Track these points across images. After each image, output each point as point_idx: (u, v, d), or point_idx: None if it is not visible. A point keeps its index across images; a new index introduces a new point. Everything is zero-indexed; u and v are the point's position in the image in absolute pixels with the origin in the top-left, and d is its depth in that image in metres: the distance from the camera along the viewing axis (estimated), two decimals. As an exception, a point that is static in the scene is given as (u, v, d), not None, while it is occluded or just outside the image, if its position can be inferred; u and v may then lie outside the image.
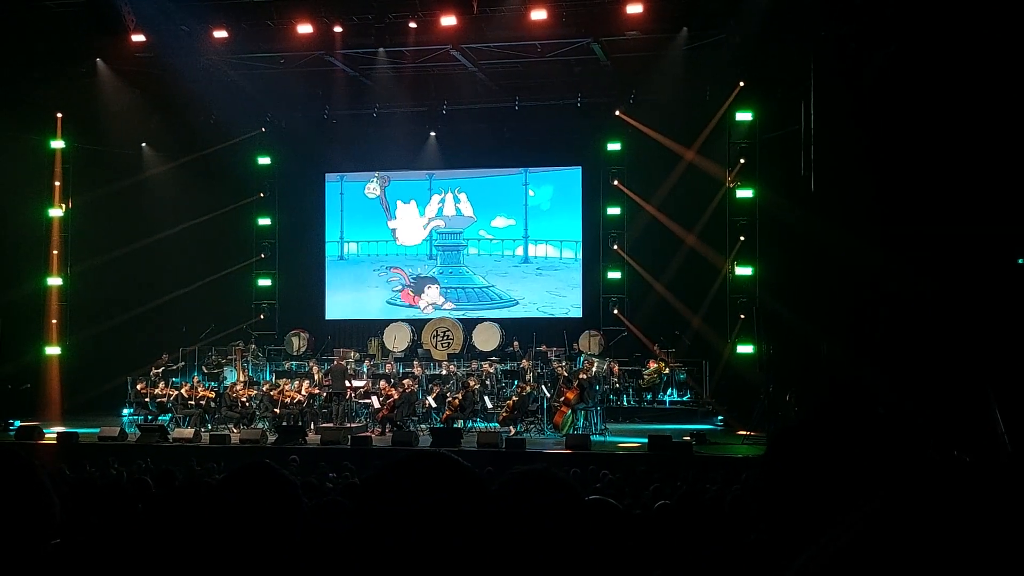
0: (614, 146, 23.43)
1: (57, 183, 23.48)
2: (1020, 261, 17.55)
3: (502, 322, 23.39)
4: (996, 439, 15.17)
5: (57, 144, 23.46)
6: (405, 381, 19.57)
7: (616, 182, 23.47)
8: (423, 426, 18.97)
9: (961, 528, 0.51)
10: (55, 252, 23.38)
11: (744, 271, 21.45)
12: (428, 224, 25.03)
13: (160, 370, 20.88)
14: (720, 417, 20.28)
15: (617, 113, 22.82)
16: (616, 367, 21.04)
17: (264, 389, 20.06)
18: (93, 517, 4.30)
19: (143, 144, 24.33)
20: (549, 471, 1.83)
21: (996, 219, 16.92)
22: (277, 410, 19.31)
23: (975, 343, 15.86)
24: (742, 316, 21.18)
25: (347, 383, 19.58)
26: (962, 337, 15.64)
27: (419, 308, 24.76)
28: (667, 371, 21.17)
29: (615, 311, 23.42)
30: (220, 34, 19.94)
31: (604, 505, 2.37)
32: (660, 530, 5.60)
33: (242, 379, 20.91)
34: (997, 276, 16.78)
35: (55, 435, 17.65)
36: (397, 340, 23.14)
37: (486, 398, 19.48)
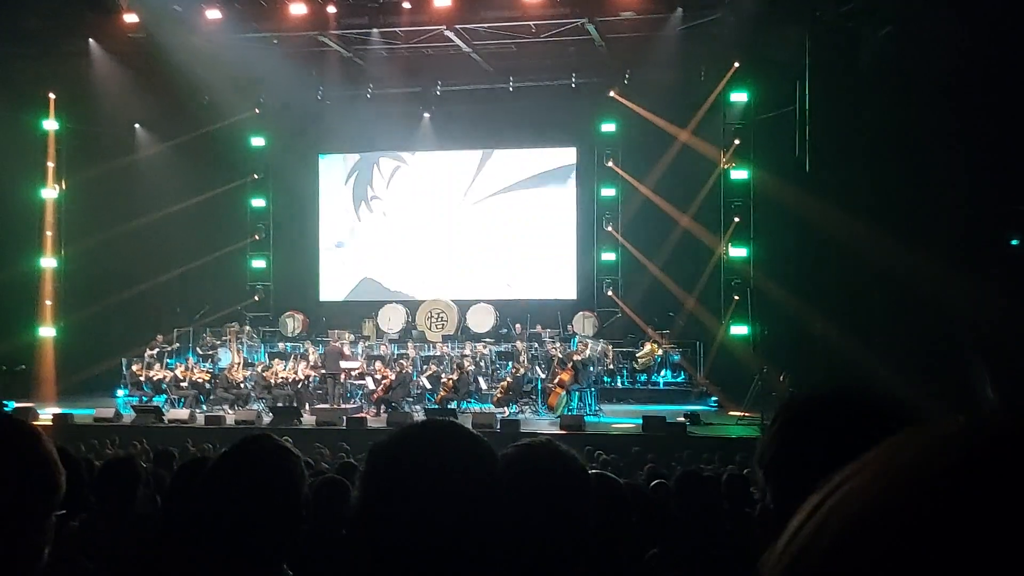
0: (608, 127, 23.38)
1: (50, 164, 23.38)
2: (1014, 242, 17.59)
3: (496, 303, 23.38)
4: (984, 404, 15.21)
5: (50, 124, 23.34)
6: (400, 362, 19.59)
7: (610, 163, 23.44)
8: (418, 407, 19.01)
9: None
10: (49, 233, 23.31)
11: (738, 252, 21.45)
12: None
13: (155, 351, 20.85)
14: (714, 398, 20.34)
15: (612, 94, 22.75)
16: (610, 348, 21.08)
17: (258, 370, 20.06)
18: (92, 496, 4.31)
19: (136, 125, 24.22)
20: (553, 443, 1.84)
21: (990, 199, 16.96)
22: (272, 387, 19.33)
23: (969, 323, 15.91)
24: (736, 297, 21.21)
25: (342, 364, 19.59)
26: (956, 318, 15.68)
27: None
28: (661, 352, 21.21)
29: (609, 292, 23.43)
30: (213, 14, 19.85)
31: (606, 479, 2.39)
32: (656, 509, 5.63)
33: (237, 360, 20.89)
34: (991, 256, 16.82)
35: (50, 416, 17.64)
36: (391, 321, 23.13)
37: (480, 379, 19.51)
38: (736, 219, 21.53)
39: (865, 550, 0.49)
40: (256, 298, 24.76)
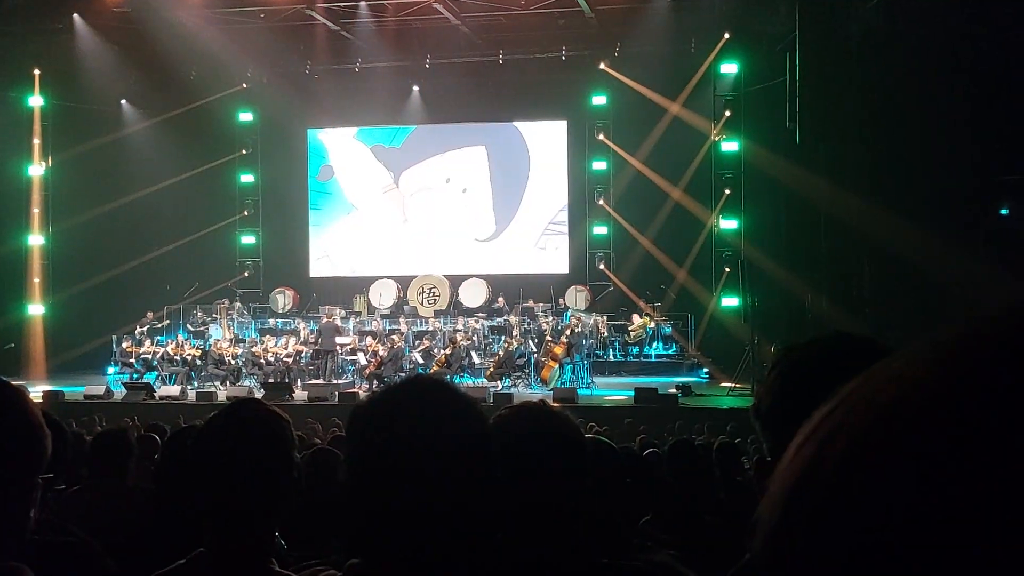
0: (599, 99, 23.28)
1: (36, 140, 23.18)
2: (1003, 212, 17.61)
3: (488, 278, 23.33)
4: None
5: (35, 101, 23.12)
6: (392, 338, 19.57)
7: (601, 136, 23.36)
8: (410, 382, 18.97)
9: None
10: (36, 210, 23.15)
11: (729, 224, 21.44)
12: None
13: (145, 328, 20.79)
14: (705, 369, 20.40)
15: (602, 66, 22.64)
16: (602, 322, 21.09)
17: (248, 347, 20.01)
18: (84, 469, 4.29)
19: (122, 101, 24.02)
20: (548, 404, 1.82)
21: (980, 169, 16.96)
22: (263, 363, 19.31)
23: (959, 295, 15.94)
24: (727, 269, 21.22)
25: (337, 340, 19.56)
26: (947, 287, 15.71)
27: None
28: (653, 325, 21.24)
29: (601, 266, 23.41)
30: (199, -13, 19.64)
31: (601, 442, 2.38)
32: (649, 478, 5.63)
33: (227, 337, 20.85)
34: (981, 226, 16.84)
35: (40, 394, 17.58)
36: (383, 297, 23.09)
37: (473, 353, 19.50)
38: (727, 191, 21.52)
39: (896, 442, 0.44)
40: (245, 274, 24.68)
